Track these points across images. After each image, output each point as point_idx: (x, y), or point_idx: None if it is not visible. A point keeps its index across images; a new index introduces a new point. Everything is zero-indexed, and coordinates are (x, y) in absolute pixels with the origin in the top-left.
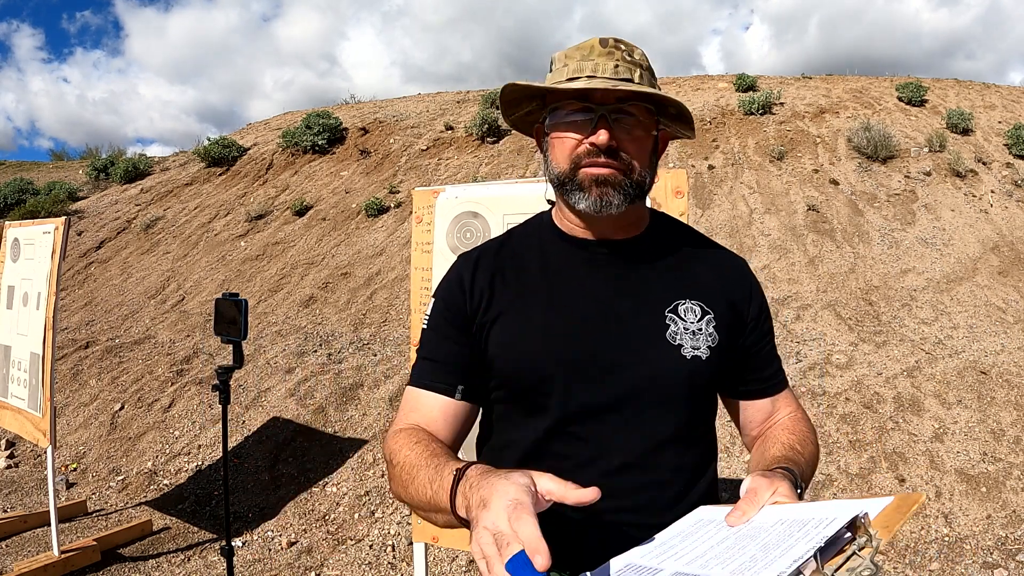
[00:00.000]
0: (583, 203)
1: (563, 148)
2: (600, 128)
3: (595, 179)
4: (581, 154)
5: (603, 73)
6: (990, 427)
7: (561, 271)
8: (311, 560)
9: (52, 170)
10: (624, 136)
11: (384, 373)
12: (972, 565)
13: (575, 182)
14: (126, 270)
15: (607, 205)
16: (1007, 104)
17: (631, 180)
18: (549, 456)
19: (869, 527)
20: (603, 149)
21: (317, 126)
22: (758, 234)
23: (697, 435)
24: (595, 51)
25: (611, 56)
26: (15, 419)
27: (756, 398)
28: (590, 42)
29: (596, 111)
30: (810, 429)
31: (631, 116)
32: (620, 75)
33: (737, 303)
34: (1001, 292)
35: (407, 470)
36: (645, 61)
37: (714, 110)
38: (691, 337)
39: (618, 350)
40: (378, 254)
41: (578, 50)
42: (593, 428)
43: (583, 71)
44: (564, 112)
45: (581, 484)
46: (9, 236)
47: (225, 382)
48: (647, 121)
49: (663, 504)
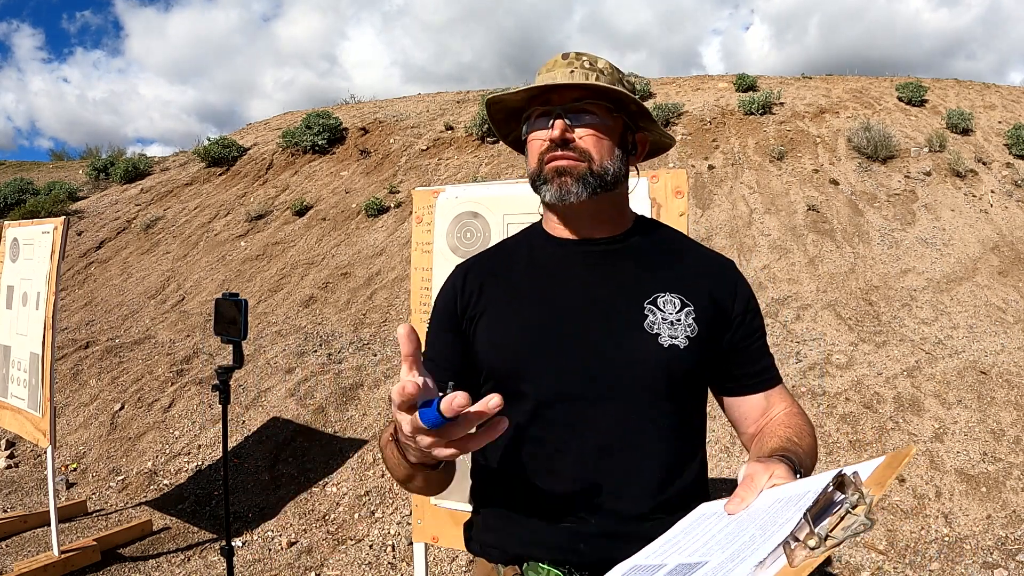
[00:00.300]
0: (548, 195)
1: (532, 150)
2: (555, 123)
3: (555, 170)
4: (544, 151)
5: (560, 80)
6: (990, 427)
7: (543, 267)
8: (311, 560)
9: (52, 170)
10: (582, 131)
11: (384, 373)
12: (972, 565)
13: (541, 176)
14: (126, 270)
15: (567, 194)
16: (1007, 104)
17: (590, 169)
18: (529, 440)
19: (861, 485)
20: (557, 142)
21: (317, 126)
22: (758, 234)
23: (678, 424)
24: (557, 64)
25: (570, 65)
26: (15, 419)
27: (748, 393)
28: (554, 58)
29: (553, 111)
30: (807, 424)
31: (589, 113)
32: (575, 80)
33: (720, 299)
34: (1001, 292)
35: (383, 447)
36: (609, 69)
37: (714, 110)
38: (669, 327)
39: (595, 338)
40: (378, 254)
41: (545, 66)
42: (570, 413)
43: (543, 82)
44: (532, 120)
45: (561, 467)
46: (8, 236)
47: (225, 382)
48: (607, 118)
49: (643, 487)
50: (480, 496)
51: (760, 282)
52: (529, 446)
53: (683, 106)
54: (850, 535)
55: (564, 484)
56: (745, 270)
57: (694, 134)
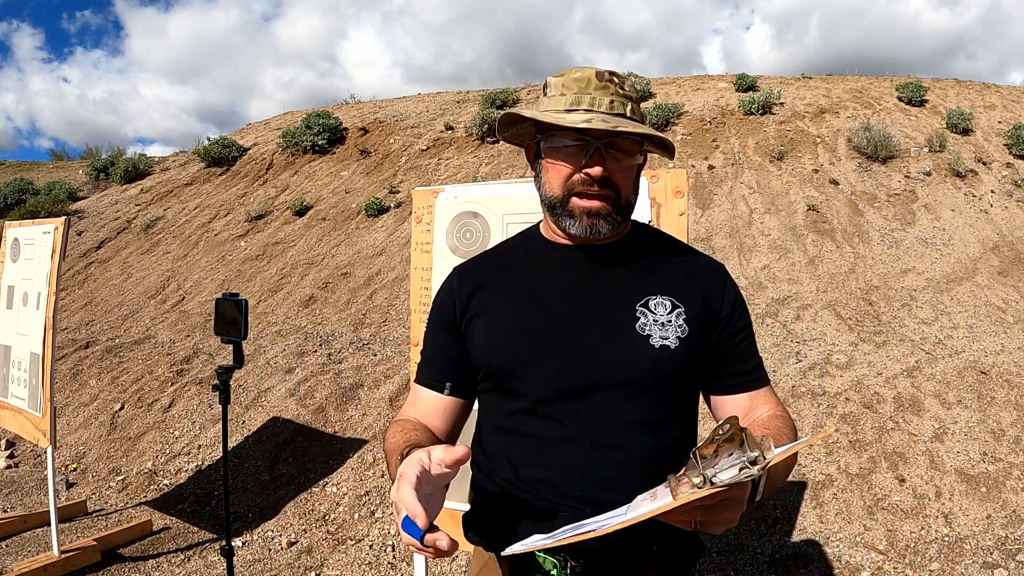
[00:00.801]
0: (574, 229)
1: (557, 175)
2: (595, 161)
3: (587, 211)
4: (575, 183)
5: (599, 107)
6: (990, 427)
7: (538, 270)
8: (311, 560)
9: (52, 170)
10: (615, 166)
11: (384, 373)
12: (972, 565)
13: (567, 209)
14: (126, 270)
15: (596, 233)
16: (1007, 104)
17: (618, 207)
18: (525, 436)
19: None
20: (597, 179)
21: (317, 126)
22: (758, 234)
23: (669, 421)
24: (592, 84)
25: (606, 90)
26: (15, 419)
27: (731, 393)
28: (586, 74)
29: (591, 144)
30: (787, 427)
31: (622, 150)
32: (615, 110)
33: (710, 299)
34: (1001, 292)
35: (388, 455)
36: (634, 92)
37: (714, 110)
38: (660, 328)
39: (589, 340)
40: (378, 254)
41: (575, 81)
42: (565, 410)
43: (580, 103)
44: (560, 139)
45: (556, 461)
46: (9, 236)
47: (225, 382)
48: (634, 151)
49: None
50: (479, 489)
51: (760, 282)
52: (526, 441)
53: (683, 106)
54: (736, 482)
55: (559, 476)
56: (745, 270)
57: (694, 134)
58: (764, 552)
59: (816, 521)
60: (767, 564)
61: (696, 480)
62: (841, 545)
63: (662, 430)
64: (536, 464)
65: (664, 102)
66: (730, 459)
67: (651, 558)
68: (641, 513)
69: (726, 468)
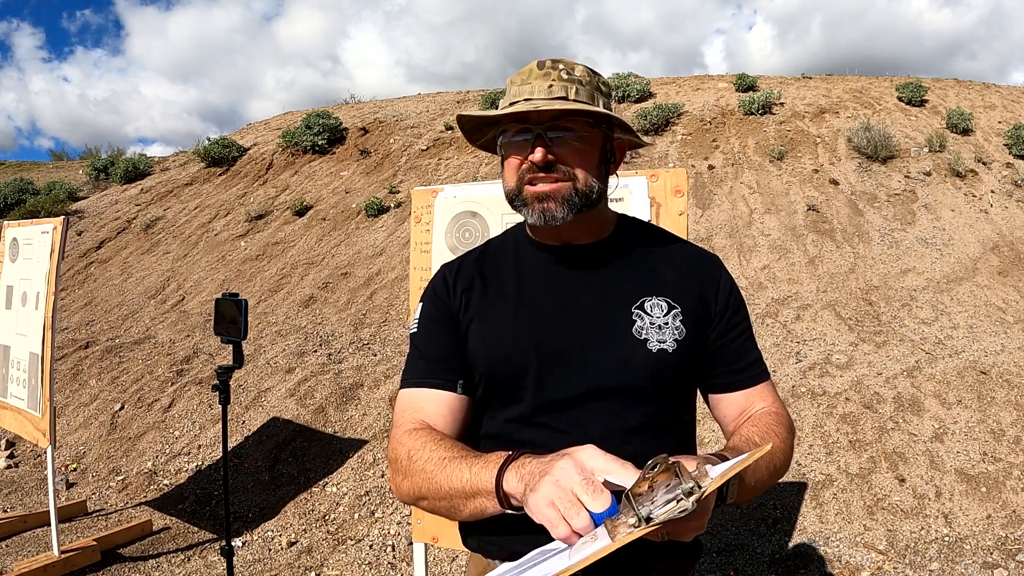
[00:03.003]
0: (531, 218)
1: (510, 168)
2: (537, 146)
3: (536, 196)
4: (524, 171)
5: (538, 95)
6: (990, 427)
7: (530, 273)
8: (311, 560)
9: (52, 170)
10: (564, 150)
11: (384, 373)
12: (972, 565)
13: (521, 199)
14: (126, 270)
15: (551, 219)
16: (1007, 104)
17: (576, 190)
18: (524, 443)
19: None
20: (540, 165)
21: (317, 126)
22: (758, 234)
23: (669, 425)
24: (533, 74)
25: (547, 77)
26: (15, 419)
27: (727, 391)
28: (529, 66)
29: (533, 131)
30: (780, 424)
31: (570, 131)
32: (554, 94)
33: (704, 297)
34: (1001, 292)
35: (435, 462)
36: (587, 76)
37: (714, 110)
38: (657, 331)
39: (585, 344)
40: (378, 254)
41: (519, 75)
42: (563, 418)
43: (521, 95)
44: (509, 135)
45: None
46: (8, 236)
47: (225, 382)
48: (588, 133)
49: None
50: None
51: (760, 282)
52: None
53: (683, 106)
54: (673, 517)
55: None
56: (745, 270)
57: (694, 134)
58: (764, 552)
59: (816, 521)
60: (767, 564)
61: (632, 521)
62: (841, 545)
63: (662, 435)
64: None
65: (664, 102)
66: (666, 491)
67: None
68: (583, 557)
69: (662, 503)
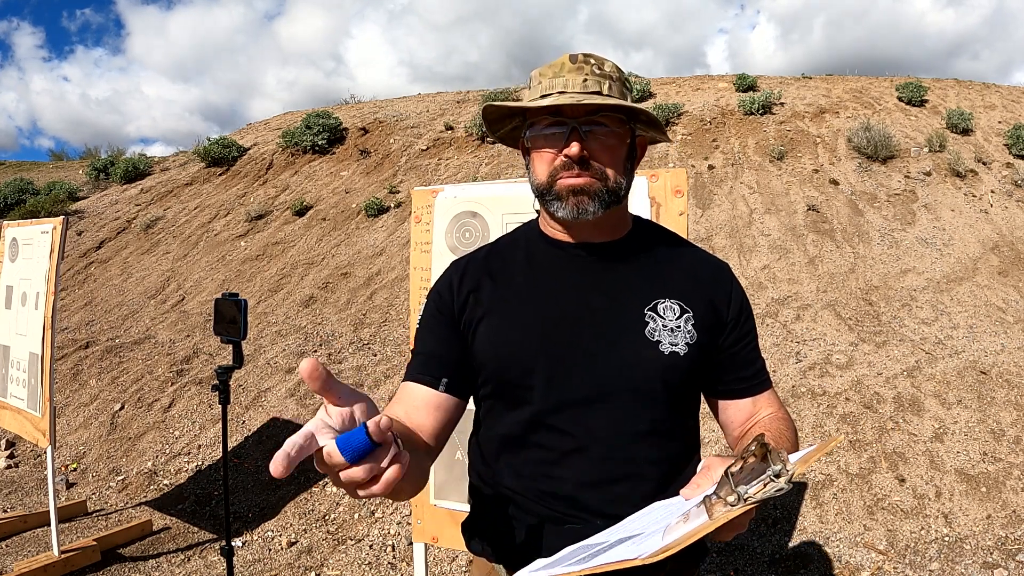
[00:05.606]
0: (561, 211)
1: (541, 161)
2: (572, 140)
3: (571, 189)
4: (557, 166)
5: (573, 88)
6: (990, 427)
7: (543, 272)
8: (311, 560)
9: (52, 170)
10: (596, 146)
11: (384, 373)
12: (972, 565)
13: (553, 192)
14: (126, 270)
15: (584, 212)
16: (1007, 104)
17: (606, 187)
18: (530, 446)
19: (787, 461)
20: (575, 160)
21: (317, 126)
22: (758, 234)
23: (676, 429)
24: (565, 67)
25: (580, 71)
26: (15, 419)
27: (736, 397)
28: (561, 59)
29: (568, 124)
30: (788, 429)
31: (603, 126)
32: (589, 89)
33: (716, 303)
34: (1001, 292)
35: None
36: (616, 72)
37: (714, 110)
38: (669, 334)
39: (596, 345)
40: (378, 254)
41: (550, 68)
42: (572, 420)
43: (555, 87)
44: (540, 127)
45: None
46: (8, 236)
47: (225, 382)
48: (620, 130)
49: (642, 495)
50: (480, 497)
51: (760, 282)
52: (530, 451)
53: (683, 106)
54: (767, 497)
55: (565, 488)
56: (745, 270)
57: (694, 134)
58: (764, 552)
59: (816, 521)
60: (767, 564)
61: (730, 499)
62: (841, 545)
63: (670, 439)
64: (543, 476)
65: (664, 102)
66: (754, 474)
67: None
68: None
69: (754, 484)
